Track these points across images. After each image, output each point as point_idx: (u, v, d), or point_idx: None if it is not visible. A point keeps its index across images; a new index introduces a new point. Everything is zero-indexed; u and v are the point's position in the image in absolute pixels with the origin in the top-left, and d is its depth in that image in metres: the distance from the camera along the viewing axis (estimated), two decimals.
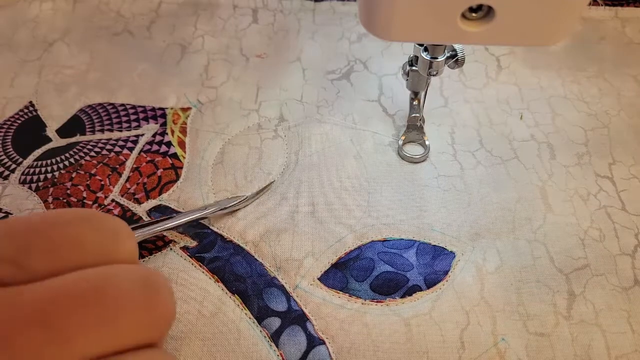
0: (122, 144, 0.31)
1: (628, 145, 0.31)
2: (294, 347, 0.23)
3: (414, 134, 0.31)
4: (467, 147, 0.31)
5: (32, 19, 0.39)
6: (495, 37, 0.20)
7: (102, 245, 0.15)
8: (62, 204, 0.28)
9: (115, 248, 0.15)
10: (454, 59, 0.27)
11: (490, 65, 0.36)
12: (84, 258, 0.15)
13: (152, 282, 0.15)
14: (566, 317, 0.24)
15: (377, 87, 0.34)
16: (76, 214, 0.15)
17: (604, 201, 0.28)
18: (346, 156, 0.30)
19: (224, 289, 0.25)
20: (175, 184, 0.29)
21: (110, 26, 0.38)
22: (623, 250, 0.26)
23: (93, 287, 0.14)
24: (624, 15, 0.38)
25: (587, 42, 0.37)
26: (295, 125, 0.32)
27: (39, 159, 0.30)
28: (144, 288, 0.15)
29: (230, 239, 0.27)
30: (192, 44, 0.37)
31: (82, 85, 0.34)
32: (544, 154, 0.30)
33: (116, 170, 0.30)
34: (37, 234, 0.14)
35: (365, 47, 0.37)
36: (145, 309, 0.14)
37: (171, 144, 0.31)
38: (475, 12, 0.19)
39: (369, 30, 0.21)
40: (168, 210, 0.28)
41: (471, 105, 0.33)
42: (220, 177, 0.29)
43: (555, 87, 0.34)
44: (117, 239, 0.16)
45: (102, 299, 0.13)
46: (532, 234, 0.27)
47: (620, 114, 0.33)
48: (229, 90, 0.34)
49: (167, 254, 0.26)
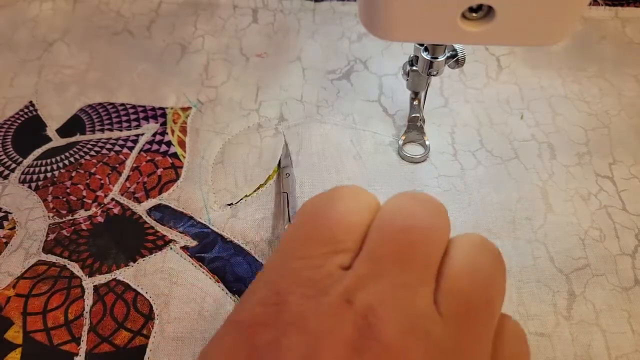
0: (122, 144, 0.31)
1: (628, 145, 0.31)
2: None
3: (414, 134, 0.31)
4: (468, 147, 0.31)
5: (32, 18, 0.39)
6: (496, 37, 0.20)
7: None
8: (62, 202, 0.28)
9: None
10: (454, 58, 0.27)
11: (491, 65, 0.36)
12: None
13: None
14: (566, 317, 0.24)
15: (377, 87, 0.34)
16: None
17: (604, 201, 0.28)
18: (346, 156, 0.30)
19: (224, 290, 0.25)
20: (175, 183, 0.29)
21: (110, 26, 0.38)
22: (623, 250, 0.26)
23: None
24: (624, 15, 0.38)
25: (588, 42, 0.37)
26: (295, 125, 0.32)
27: (39, 158, 0.30)
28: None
29: (231, 239, 0.27)
30: (192, 43, 0.37)
31: (82, 84, 0.34)
32: (545, 153, 0.30)
33: (116, 170, 0.30)
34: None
35: (365, 47, 0.37)
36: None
37: (171, 144, 0.31)
38: (476, 12, 0.19)
39: (369, 30, 0.21)
40: (168, 210, 0.28)
41: (471, 105, 0.33)
42: (220, 177, 0.29)
43: (555, 87, 0.34)
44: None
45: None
46: (533, 234, 0.27)
47: (620, 114, 0.32)
48: (229, 90, 0.34)
49: (167, 253, 0.26)
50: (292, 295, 0.14)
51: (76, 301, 0.24)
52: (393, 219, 0.16)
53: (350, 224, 0.16)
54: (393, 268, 0.14)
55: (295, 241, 0.16)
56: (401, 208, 0.16)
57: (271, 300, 0.14)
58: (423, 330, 0.14)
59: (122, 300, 0.24)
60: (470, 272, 0.15)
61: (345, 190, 0.17)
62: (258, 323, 0.14)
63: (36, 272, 0.25)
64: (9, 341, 0.23)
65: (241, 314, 0.15)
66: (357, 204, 0.16)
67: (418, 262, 0.15)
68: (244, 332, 0.14)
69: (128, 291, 0.25)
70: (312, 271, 0.15)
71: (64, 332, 0.23)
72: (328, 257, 0.15)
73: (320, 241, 0.15)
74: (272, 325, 0.14)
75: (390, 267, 0.14)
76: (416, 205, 0.16)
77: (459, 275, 0.15)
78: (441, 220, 0.16)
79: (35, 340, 0.23)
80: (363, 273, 0.14)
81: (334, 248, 0.15)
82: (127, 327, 0.23)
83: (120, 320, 0.24)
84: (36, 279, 0.25)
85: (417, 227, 0.15)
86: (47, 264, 0.26)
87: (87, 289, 0.25)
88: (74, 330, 0.23)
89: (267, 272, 0.16)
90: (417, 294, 0.14)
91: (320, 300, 0.14)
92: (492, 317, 0.15)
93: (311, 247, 0.15)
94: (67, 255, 0.26)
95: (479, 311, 0.15)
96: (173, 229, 0.27)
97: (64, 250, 0.26)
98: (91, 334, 0.23)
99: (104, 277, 0.25)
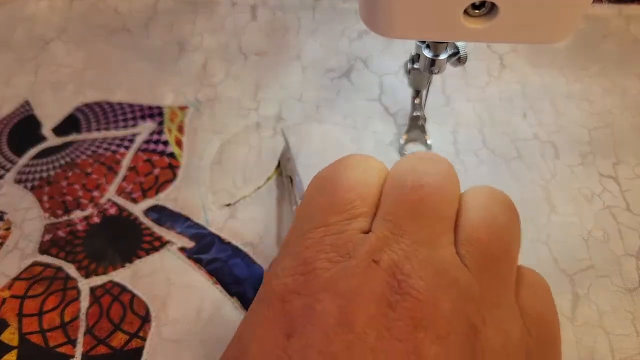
0: (118, 143, 0.31)
1: (632, 145, 0.30)
2: None
3: (416, 133, 0.30)
4: (470, 146, 0.30)
5: (28, 16, 0.38)
6: (498, 35, 0.20)
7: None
8: (58, 203, 0.28)
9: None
10: (457, 56, 0.26)
11: (493, 63, 0.35)
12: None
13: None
14: (570, 319, 0.24)
15: (377, 86, 0.34)
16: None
17: (608, 201, 0.28)
18: None
19: (222, 291, 0.24)
20: (173, 183, 0.29)
21: (107, 24, 0.38)
22: (627, 251, 0.26)
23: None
24: (628, 13, 0.38)
25: (591, 41, 0.36)
26: (295, 124, 0.32)
27: (34, 158, 0.30)
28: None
29: (229, 240, 0.26)
30: (190, 41, 0.36)
31: (79, 83, 0.34)
32: (547, 153, 0.30)
33: (112, 170, 0.29)
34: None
35: (365, 45, 0.36)
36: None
37: (168, 143, 0.31)
38: (478, 8, 0.19)
39: (370, 28, 0.20)
40: (165, 210, 0.27)
41: (473, 104, 0.33)
42: (218, 177, 0.29)
43: (558, 86, 0.34)
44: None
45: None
46: (535, 235, 0.26)
47: (624, 113, 0.32)
48: (227, 88, 0.33)
49: (165, 254, 0.26)
50: (319, 262, 0.14)
51: (72, 303, 0.24)
52: (404, 178, 0.16)
53: (363, 188, 0.16)
54: (411, 225, 0.15)
55: (311, 212, 0.16)
56: (411, 168, 0.16)
57: (299, 270, 0.15)
58: (450, 279, 0.14)
59: (118, 302, 0.24)
60: (487, 223, 0.15)
61: (353, 158, 0.17)
62: (290, 291, 0.14)
63: (32, 273, 0.25)
64: (5, 343, 0.23)
65: (271, 287, 0.15)
66: (366, 169, 0.17)
67: (434, 217, 0.15)
68: (277, 303, 0.14)
69: (124, 293, 0.24)
70: (333, 237, 0.15)
71: (60, 334, 0.23)
72: (347, 223, 0.15)
73: (337, 209, 0.16)
74: (303, 293, 0.14)
75: (408, 224, 0.15)
76: (424, 163, 0.17)
77: (477, 226, 0.15)
78: (450, 175, 0.16)
79: (31, 342, 0.23)
80: (384, 234, 0.15)
81: (351, 214, 0.16)
82: (124, 329, 0.23)
83: (116, 322, 0.23)
84: (32, 280, 0.25)
85: (429, 183, 0.16)
86: (43, 265, 0.25)
87: (83, 291, 0.24)
88: (70, 332, 0.23)
89: (289, 245, 0.16)
90: (439, 247, 0.15)
91: (347, 264, 0.14)
92: (511, 264, 0.16)
93: (328, 215, 0.16)
94: (63, 256, 0.26)
95: (499, 259, 0.15)
96: (170, 229, 0.27)
97: (60, 251, 0.26)
98: (87, 336, 0.23)
99: (100, 278, 0.25)
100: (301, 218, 0.17)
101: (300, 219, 0.17)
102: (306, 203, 0.17)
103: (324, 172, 0.18)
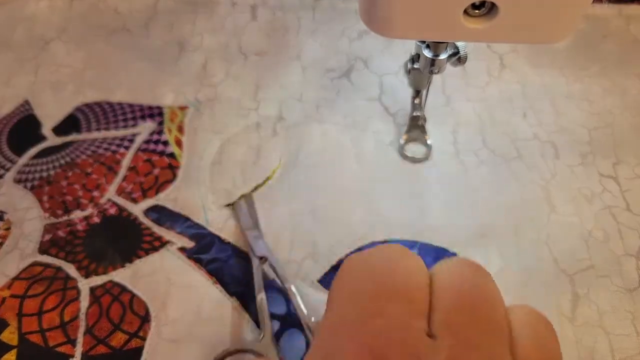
0: (118, 143, 0.31)
1: (632, 145, 0.30)
2: (294, 350, 0.23)
3: (416, 133, 0.30)
4: (470, 146, 0.30)
5: (28, 17, 0.38)
6: (498, 35, 0.20)
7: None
8: (58, 203, 0.28)
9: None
10: (456, 56, 0.26)
11: (493, 63, 0.35)
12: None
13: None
14: (570, 319, 0.24)
15: (377, 86, 0.34)
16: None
17: (608, 201, 0.28)
18: (346, 156, 0.30)
19: (222, 291, 0.24)
20: (173, 183, 0.29)
21: (107, 24, 0.38)
22: (627, 251, 0.26)
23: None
24: (628, 13, 0.38)
25: (591, 41, 0.36)
26: (295, 124, 0.31)
27: (34, 157, 0.30)
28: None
29: (229, 240, 0.26)
30: (190, 41, 0.36)
31: (79, 83, 0.34)
32: (548, 153, 0.30)
33: (112, 169, 0.29)
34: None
35: (365, 45, 0.36)
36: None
37: (168, 143, 0.31)
38: (478, 8, 0.19)
39: (370, 27, 0.20)
40: (165, 211, 0.27)
41: (473, 104, 0.33)
42: (218, 177, 0.29)
43: (558, 86, 0.34)
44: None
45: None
46: (536, 235, 0.26)
47: (624, 113, 0.32)
48: (227, 88, 0.33)
49: (164, 254, 0.26)
50: (393, 358, 0.14)
51: (72, 302, 0.24)
52: (460, 286, 0.15)
53: (419, 282, 0.15)
54: (479, 338, 0.14)
55: (359, 298, 0.15)
56: (461, 275, 0.16)
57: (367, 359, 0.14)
58: None
59: (118, 301, 0.24)
60: (540, 351, 0.15)
61: (396, 248, 0.17)
62: None
63: (32, 273, 0.25)
64: (5, 342, 0.23)
65: None
66: (416, 263, 0.16)
67: (499, 331, 0.15)
68: None
69: (124, 293, 0.24)
70: (402, 333, 0.14)
71: (60, 334, 0.23)
72: (410, 316, 0.15)
73: (396, 298, 0.15)
74: None
75: (476, 338, 0.14)
76: (474, 272, 0.16)
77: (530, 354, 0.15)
78: (497, 286, 0.16)
79: (30, 341, 0.23)
80: (452, 344, 0.14)
81: (412, 307, 0.15)
82: (124, 329, 0.23)
83: (116, 322, 0.23)
84: (32, 280, 0.25)
85: (487, 296, 0.15)
86: (42, 265, 0.25)
87: (83, 291, 0.24)
88: (70, 332, 0.23)
89: (341, 327, 0.15)
90: None
91: None
92: None
93: (387, 304, 0.15)
94: (63, 256, 0.26)
95: None
96: (170, 229, 0.27)
97: (60, 251, 0.26)
98: (87, 335, 0.23)
99: (100, 278, 0.25)
100: (341, 301, 0.16)
101: (340, 302, 0.16)
102: (346, 287, 0.16)
103: (366, 257, 0.16)
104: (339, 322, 0.15)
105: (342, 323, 0.15)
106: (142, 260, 0.25)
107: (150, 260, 0.25)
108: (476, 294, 0.15)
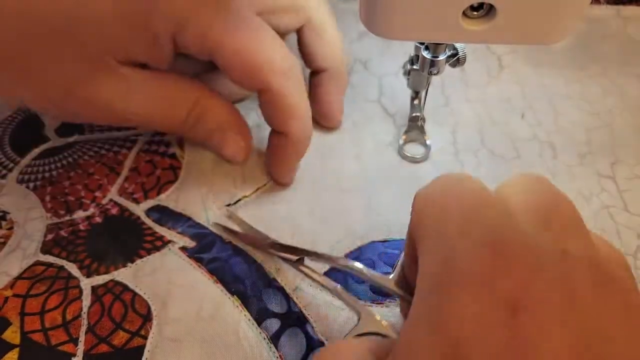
0: (120, 144, 0.31)
1: (631, 145, 0.31)
2: (294, 349, 0.23)
3: (415, 133, 0.31)
4: (469, 146, 0.31)
5: None
6: (497, 36, 0.20)
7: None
8: (60, 203, 0.28)
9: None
10: (455, 57, 0.27)
11: (492, 64, 0.35)
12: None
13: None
14: None
15: (377, 87, 0.34)
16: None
17: (606, 201, 0.28)
18: (346, 156, 0.30)
19: (222, 290, 0.24)
20: (174, 184, 0.29)
21: None
22: (625, 251, 0.26)
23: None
24: (626, 14, 0.38)
25: (590, 41, 0.37)
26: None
27: (37, 158, 0.30)
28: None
29: (229, 239, 0.26)
30: None
31: None
32: (546, 153, 0.30)
33: (114, 170, 0.29)
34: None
35: (365, 46, 0.36)
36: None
37: (170, 144, 0.31)
38: (477, 10, 0.19)
39: (370, 29, 0.21)
40: (167, 211, 0.28)
41: (472, 105, 0.33)
42: (219, 178, 0.29)
43: (557, 86, 0.34)
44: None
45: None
46: None
47: (623, 114, 0.32)
48: None
49: (166, 254, 0.26)
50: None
51: (74, 302, 0.24)
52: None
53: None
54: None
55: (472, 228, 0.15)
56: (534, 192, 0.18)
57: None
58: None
59: (120, 300, 0.24)
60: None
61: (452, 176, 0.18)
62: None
63: (34, 272, 0.25)
64: (7, 341, 0.23)
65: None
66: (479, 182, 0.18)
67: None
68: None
69: (126, 292, 0.24)
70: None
71: (62, 333, 0.23)
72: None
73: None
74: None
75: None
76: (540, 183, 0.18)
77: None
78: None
79: (32, 340, 0.23)
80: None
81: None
82: (125, 328, 0.23)
83: (118, 321, 0.23)
84: (34, 280, 0.25)
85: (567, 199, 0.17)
86: (45, 265, 0.25)
87: (85, 290, 0.25)
88: (72, 331, 0.23)
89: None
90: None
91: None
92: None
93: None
94: (65, 255, 0.26)
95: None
96: (171, 229, 0.27)
97: (62, 251, 0.26)
98: (89, 334, 0.23)
99: (102, 277, 0.25)
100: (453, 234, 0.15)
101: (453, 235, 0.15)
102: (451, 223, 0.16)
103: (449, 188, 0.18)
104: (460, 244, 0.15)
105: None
106: (144, 260, 0.25)
107: (152, 260, 0.26)
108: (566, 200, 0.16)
